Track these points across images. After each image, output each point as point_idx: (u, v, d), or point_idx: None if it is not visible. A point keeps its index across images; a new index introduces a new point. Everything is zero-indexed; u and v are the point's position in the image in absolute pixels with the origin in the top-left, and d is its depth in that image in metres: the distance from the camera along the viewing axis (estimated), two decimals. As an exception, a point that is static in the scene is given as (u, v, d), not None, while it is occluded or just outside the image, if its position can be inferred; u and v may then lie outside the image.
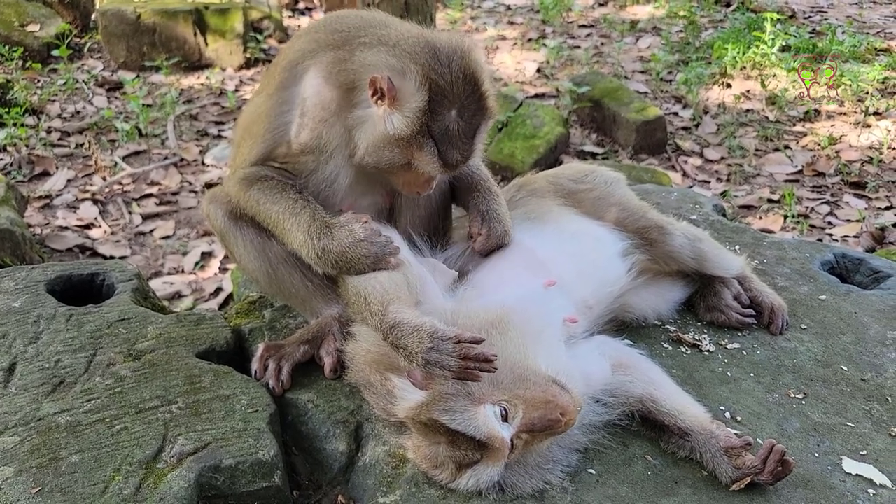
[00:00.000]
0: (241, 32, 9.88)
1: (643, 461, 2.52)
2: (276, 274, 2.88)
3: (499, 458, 2.27)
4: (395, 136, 2.50)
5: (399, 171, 2.65)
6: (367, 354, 2.55)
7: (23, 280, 3.19)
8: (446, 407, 2.27)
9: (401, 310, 2.38)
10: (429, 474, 2.38)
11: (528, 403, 2.27)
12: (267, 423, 2.56)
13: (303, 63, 2.67)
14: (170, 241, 6.58)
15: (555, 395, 2.27)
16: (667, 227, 3.05)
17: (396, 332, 2.34)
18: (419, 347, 2.27)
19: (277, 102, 2.70)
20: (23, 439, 2.44)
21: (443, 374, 2.26)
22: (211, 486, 2.37)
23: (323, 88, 2.62)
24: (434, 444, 2.33)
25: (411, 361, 2.31)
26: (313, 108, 2.63)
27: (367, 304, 2.45)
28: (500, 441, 2.24)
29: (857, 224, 6.64)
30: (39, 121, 8.17)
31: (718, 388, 2.83)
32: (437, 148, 2.51)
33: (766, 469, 2.38)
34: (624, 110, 8.06)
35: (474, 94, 2.53)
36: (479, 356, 2.23)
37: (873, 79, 8.74)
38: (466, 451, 2.27)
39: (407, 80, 2.46)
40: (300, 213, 2.61)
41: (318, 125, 2.64)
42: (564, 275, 2.79)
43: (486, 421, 2.25)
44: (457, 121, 2.51)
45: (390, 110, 2.48)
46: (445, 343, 2.25)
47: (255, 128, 2.76)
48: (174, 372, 2.75)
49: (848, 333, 3.13)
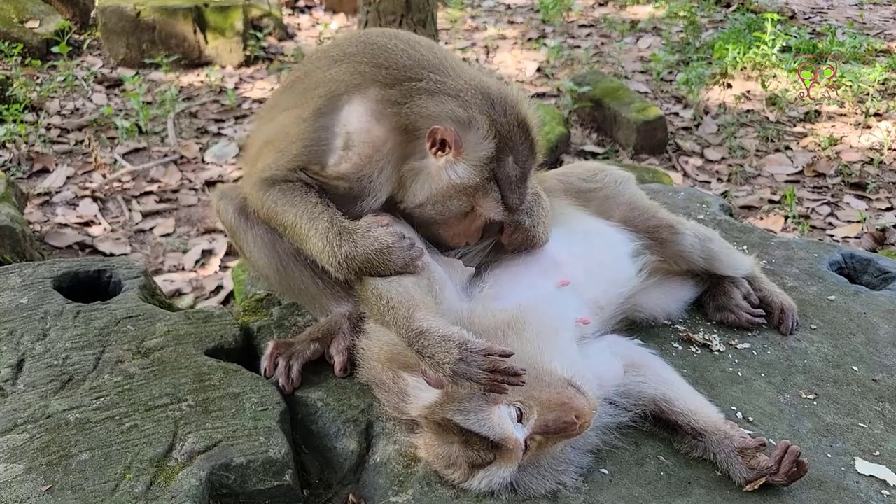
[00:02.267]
0: (241, 30, 9.85)
1: (656, 461, 2.51)
2: (286, 271, 2.86)
3: (512, 460, 2.26)
4: (462, 185, 2.57)
5: (454, 221, 2.69)
6: (380, 352, 2.53)
7: (29, 276, 3.17)
8: (461, 407, 2.26)
9: (427, 317, 2.36)
10: (441, 473, 2.36)
11: (543, 405, 2.26)
12: (277, 421, 2.55)
13: (346, 94, 2.64)
14: (170, 238, 6.55)
15: (570, 398, 2.26)
16: (677, 226, 3.04)
17: (423, 339, 2.31)
18: (448, 358, 2.25)
19: (314, 128, 2.65)
20: (32, 437, 2.42)
21: (470, 387, 2.25)
22: (222, 485, 2.36)
23: (373, 127, 2.60)
24: (447, 443, 2.32)
25: (438, 371, 2.27)
26: (362, 144, 2.61)
27: (391, 308, 2.42)
28: (514, 442, 2.23)
29: (858, 225, 6.64)
30: (39, 117, 8.13)
31: (729, 389, 2.82)
32: (501, 193, 2.60)
33: (780, 470, 2.37)
34: (624, 110, 8.05)
35: (528, 140, 2.65)
36: (509, 370, 2.22)
37: (873, 80, 8.75)
38: (480, 451, 2.26)
39: (473, 130, 2.53)
40: (318, 218, 2.59)
41: (365, 162, 2.61)
42: (576, 275, 2.78)
43: (500, 422, 2.23)
44: (514, 166, 2.61)
45: (454, 160, 2.54)
46: (475, 355, 2.24)
47: (283, 143, 2.70)
48: (183, 369, 2.74)
49: (858, 334, 3.13)
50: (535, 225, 2.81)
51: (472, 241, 2.79)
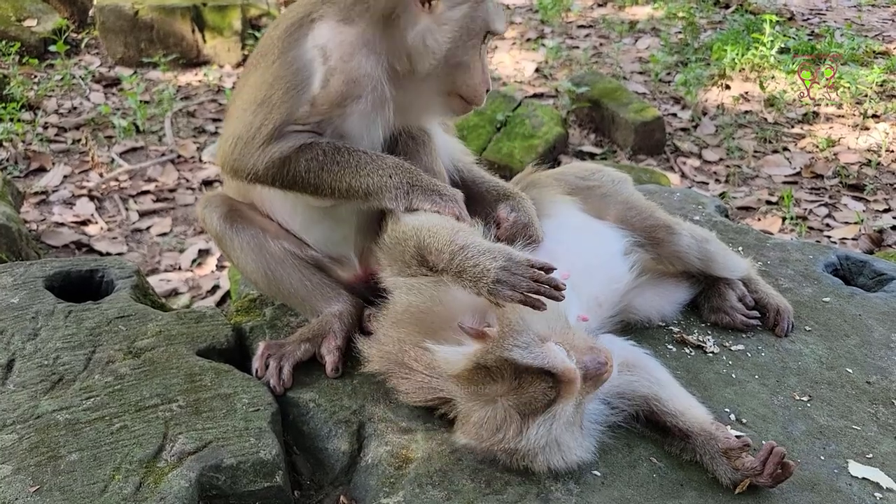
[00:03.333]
0: (240, 29, 9.83)
1: (648, 463, 2.50)
2: (274, 275, 2.86)
3: (571, 394, 2.24)
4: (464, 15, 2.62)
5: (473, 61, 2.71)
6: (406, 311, 2.49)
7: (21, 276, 3.16)
8: (518, 343, 2.23)
9: (471, 236, 2.40)
10: (486, 445, 2.30)
11: (576, 349, 2.30)
12: (268, 422, 2.53)
13: (305, 21, 2.64)
14: (166, 238, 6.54)
15: (595, 344, 2.35)
16: (674, 227, 3.04)
17: (466, 251, 2.33)
18: (492, 265, 2.26)
19: (286, 64, 2.61)
20: (21, 437, 2.41)
21: (511, 296, 2.24)
22: (212, 486, 2.34)
23: (343, 28, 2.60)
24: (489, 402, 2.27)
25: (479, 280, 2.27)
26: (338, 48, 2.59)
27: (433, 233, 2.44)
28: (574, 373, 2.22)
29: (856, 226, 6.64)
30: (36, 116, 8.12)
31: (723, 390, 2.81)
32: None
33: (765, 471, 2.35)
34: (623, 111, 8.04)
35: None
36: (551, 281, 2.24)
37: (872, 81, 8.74)
38: (536, 391, 2.21)
39: None
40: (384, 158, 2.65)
41: (349, 60, 2.59)
42: (574, 269, 2.76)
43: (557, 354, 2.23)
44: None
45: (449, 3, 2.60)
46: (519, 265, 2.26)
47: (264, 98, 2.62)
48: (174, 370, 2.72)
49: (852, 336, 3.12)
50: (532, 220, 2.83)
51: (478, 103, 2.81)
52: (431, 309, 2.45)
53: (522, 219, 2.82)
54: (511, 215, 2.83)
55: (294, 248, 2.89)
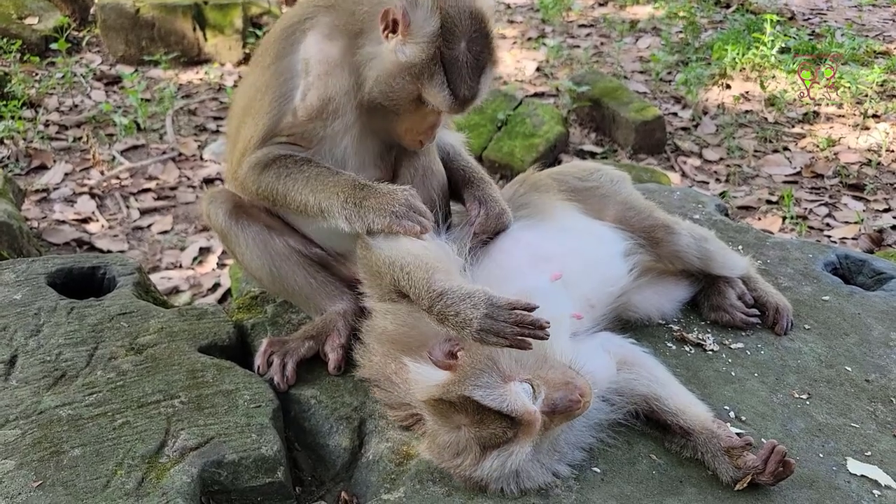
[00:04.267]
0: (241, 28, 9.83)
1: (648, 460, 2.51)
2: (279, 272, 2.88)
3: (530, 435, 2.25)
4: (407, 63, 2.52)
5: (405, 113, 2.65)
6: (382, 334, 2.52)
7: (23, 272, 3.17)
8: (479, 383, 2.23)
9: (447, 278, 2.36)
10: (445, 466, 2.34)
11: (549, 384, 2.27)
12: (270, 418, 2.55)
13: (300, 28, 2.66)
14: (168, 236, 6.55)
15: (572, 378, 2.29)
16: (673, 226, 3.05)
17: (445, 299, 2.30)
18: (474, 314, 2.24)
19: (277, 72, 2.67)
20: (24, 432, 2.42)
21: (496, 343, 2.23)
22: (214, 482, 2.36)
23: (326, 44, 2.63)
24: (453, 429, 2.29)
25: (463, 329, 2.25)
26: (318, 64, 2.63)
27: (407, 273, 2.41)
28: (533, 416, 2.22)
29: (856, 226, 6.64)
30: (37, 114, 8.12)
31: (723, 388, 2.82)
32: (447, 79, 2.53)
33: (766, 469, 2.37)
34: (623, 110, 8.05)
35: (481, 31, 2.58)
36: (535, 323, 2.22)
37: (872, 81, 8.75)
38: (496, 429, 2.22)
39: (420, 8, 2.49)
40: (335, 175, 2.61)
41: (324, 78, 2.63)
42: (567, 270, 2.77)
43: (518, 397, 2.22)
44: (466, 53, 2.54)
45: (403, 40, 2.50)
46: (501, 310, 2.23)
47: (257, 104, 2.71)
48: (176, 366, 2.74)
49: (851, 334, 3.13)
50: (504, 210, 2.86)
51: (426, 141, 2.76)
52: (408, 333, 2.46)
53: (493, 209, 2.84)
54: (481, 210, 2.85)
55: (299, 246, 2.91)
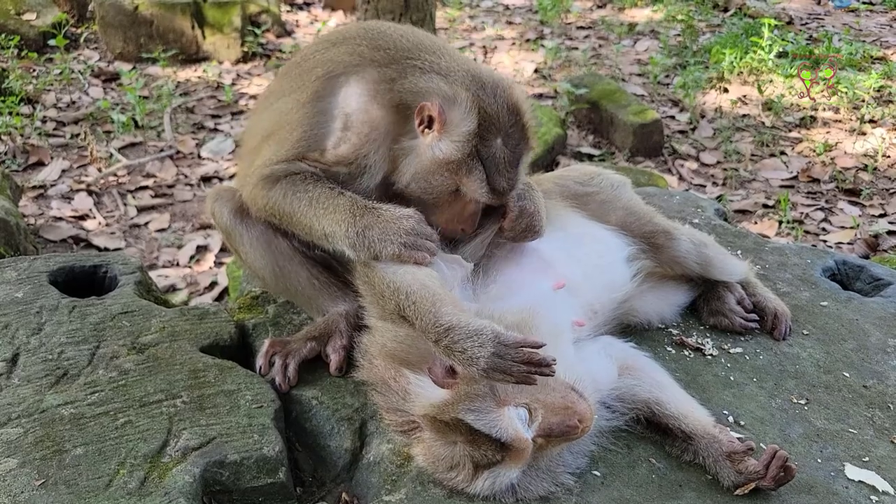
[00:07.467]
0: (239, 26, 9.84)
1: (647, 464, 2.53)
2: (282, 272, 2.88)
3: (520, 460, 2.26)
4: (444, 160, 2.56)
5: (444, 204, 2.67)
6: (383, 348, 2.52)
7: (25, 270, 3.17)
8: (472, 407, 2.24)
9: (455, 312, 2.33)
10: (440, 477, 2.35)
11: (547, 408, 2.26)
12: (272, 419, 2.55)
13: (344, 75, 2.66)
14: (165, 233, 6.55)
15: (573, 402, 2.27)
16: (673, 232, 3.06)
17: (453, 335, 2.26)
18: (482, 352, 2.21)
19: (313, 112, 2.67)
20: (26, 431, 2.42)
21: (502, 380, 2.22)
22: (215, 482, 2.36)
23: (370, 106, 2.62)
24: (449, 444, 2.31)
25: (470, 366, 2.23)
26: (360, 124, 2.63)
27: (412, 302, 2.37)
28: (525, 443, 2.23)
29: (852, 231, 6.68)
30: (35, 110, 8.11)
31: (721, 393, 2.83)
32: (486, 173, 2.57)
33: (768, 475, 2.38)
34: (621, 113, 8.07)
35: (517, 124, 2.63)
36: (542, 361, 2.20)
37: (869, 87, 8.79)
38: (487, 451, 2.24)
39: (457, 106, 2.52)
40: (338, 197, 2.58)
41: (364, 142, 2.63)
42: (571, 277, 2.79)
43: (511, 423, 2.23)
44: (502, 148, 2.58)
45: (439, 136, 2.54)
46: (509, 349, 2.21)
47: (284, 133, 2.71)
48: (178, 366, 2.74)
49: (849, 340, 3.15)
50: (539, 210, 2.79)
51: (468, 229, 2.75)
52: (409, 350, 2.46)
53: (529, 207, 2.77)
54: (518, 203, 2.77)
55: (303, 246, 2.91)
